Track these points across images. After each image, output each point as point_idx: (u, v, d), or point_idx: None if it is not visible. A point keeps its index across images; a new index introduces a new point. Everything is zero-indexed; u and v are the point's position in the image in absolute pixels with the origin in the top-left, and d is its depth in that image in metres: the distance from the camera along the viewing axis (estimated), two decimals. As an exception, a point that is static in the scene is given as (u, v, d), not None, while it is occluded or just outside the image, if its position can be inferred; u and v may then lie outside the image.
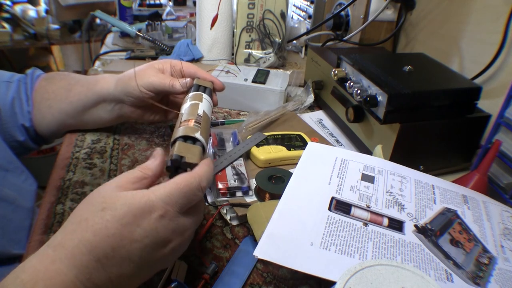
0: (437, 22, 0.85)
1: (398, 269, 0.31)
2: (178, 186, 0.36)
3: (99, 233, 0.32)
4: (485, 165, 0.54)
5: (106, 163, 0.61)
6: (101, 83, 0.61)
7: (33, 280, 0.31)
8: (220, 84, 0.59)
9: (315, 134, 0.71)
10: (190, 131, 0.43)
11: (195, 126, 0.44)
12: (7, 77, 0.63)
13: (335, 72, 0.68)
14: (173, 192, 0.35)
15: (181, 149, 0.40)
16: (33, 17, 1.94)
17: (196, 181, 0.37)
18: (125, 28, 1.12)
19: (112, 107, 0.62)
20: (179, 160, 0.39)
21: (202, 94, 0.53)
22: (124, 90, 0.58)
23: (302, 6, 1.20)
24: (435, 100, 0.58)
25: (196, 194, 0.37)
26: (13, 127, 0.61)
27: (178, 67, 0.59)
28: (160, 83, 0.56)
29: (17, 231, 0.54)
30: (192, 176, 0.37)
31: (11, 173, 0.57)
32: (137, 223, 0.33)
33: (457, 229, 0.44)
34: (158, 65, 0.59)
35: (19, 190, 0.57)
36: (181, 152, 0.40)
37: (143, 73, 0.57)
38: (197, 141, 0.43)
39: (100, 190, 0.35)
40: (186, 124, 0.44)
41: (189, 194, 0.36)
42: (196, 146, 0.42)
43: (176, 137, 0.42)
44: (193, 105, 0.49)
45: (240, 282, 0.43)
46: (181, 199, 0.36)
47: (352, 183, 0.48)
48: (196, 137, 0.43)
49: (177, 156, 0.39)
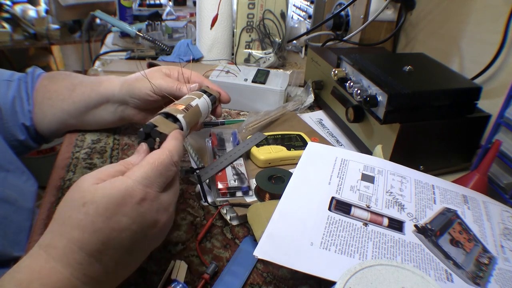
0: (437, 22, 0.85)
1: (398, 269, 0.31)
2: (152, 165, 0.36)
3: (86, 230, 0.32)
4: (485, 165, 0.54)
5: (106, 163, 0.61)
6: (106, 84, 0.61)
7: (28, 279, 0.31)
8: (226, 96, 0.60)
9: (315, 134, 0.71)
10: (173, 111, 0.44)
11: (182, 110, 0.46)
12: (8, 76, 0.63)
13: (335, 72, 0.68)
14: (148, 173, 0.35)
15: (158, 121, 0.42)
16: (33, 17, 1.94)
17: (168, 156, 0.37)
18: (125, 28, 1.12)
19: (115, 109, 0.62)
20: (152, 126, 0.40)
21: (202, 94, 0.53)
22: (129, 92, 0.58)
23: (302, 6, 1.20)
24: (435, 100, 0.58)
25: (170, 169, 0.37)
26: (14, 126, 0.61)
27: (186, 75, 0.60)
28: (168, 86, 0.56)
29: (18, 232, 0.54)
30: (162, 153, 0.37)
31: (12, 174, 0.57)
32: (122, 212, 0.33)
33: (457, 229, 0.44)
34: (165, 70, 0.60)
35: (20, 191, 0.57)
36: (157, 123, 0.41)
37: (151, 76, 0.57)
38: (177, 122, 0.44)
39: (79, 185, 0.35)
40: (173, 106, 0.46)
41: (164, 171, 0.36)
42: (174, 124, 0.43)
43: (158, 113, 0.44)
44: (189, 97, 0.50)
45: (240, 282, 0.43)
46: (158, 177, 0.36)
47: (352, 183, 0.48)
48: (177, 118, 0.44)
49: (150, 124, 0.40)
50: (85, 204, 0.33)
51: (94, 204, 0.33)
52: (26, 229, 0.55)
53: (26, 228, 0.55)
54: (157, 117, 0.43)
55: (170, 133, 0.40)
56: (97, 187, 0.34)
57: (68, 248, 0.32)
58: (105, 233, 0.33)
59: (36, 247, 0.33)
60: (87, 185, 0.34)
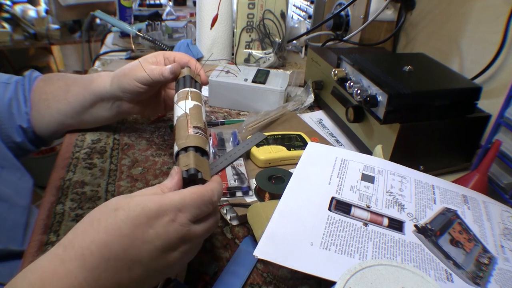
0: (437, 22, 0.85)
1: (398, 269, 0.31)
2: (192, 195, 0.37)
3: (112, 233, 0.33)
4: (485, 165, 0.54)
5: (106, 163, 0.61)
6: (97, 82, 0.61)
7: (41, 282, 0.31)
8: (205, 79, 0.59)
9: (315, 134, 0.71)
10: (203, 143, 0.44)
11: (203, 135, 0.45)
12: (5, 79, 0.63)
13: (335, 72, 0.68)
14: (186, 200, 0.36)
15: (198, 163, 0.41)
16: (33, 17, 1.94)
17: (209, 194, 0.38)
18: (125, 28, 1.12)
19: (110, 105, 0.62)
20: (196, 174, 0.40)
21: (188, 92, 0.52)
22: (120, 87, 0.58)
23: (302, 6, 1.20)
24: (435, 100, 0.58)
25: (207, 206, 0.38)
26: (10, 128, 0.61)
27: (172, 58, 0.59)
28: (151, 73, 0.56)
29: (13, 228, 0.54)
30: (205, 189, 0.38)
31: (7, 170, 0.57)
32: (150, 224, 0.34)
33: (457, 229, 0.44)
34: (151, 59, 0.59)
35: (15, 188, 0.57)
36: (198, 166, 0.41)
37: (136, 68, 0.57)
38: (205, 155, 0.44)
39: (116, 196, 0.37)
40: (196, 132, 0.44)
41: (201, 205, 0.37)
42: (206, 160, 0.43)
43: (189, 145, 0.43)
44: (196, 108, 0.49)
45: (240, 282, 0.43)
46: (193, 208, 0.36)
47: (352, 183, 0.48)
48: (207, 151, 0.44)
49: (195, 171, 0.40)
50: (117, 210, 0.34)
51: (127, 211, 0.34)
52: (21, 225, 0.55)
53: (21, 225, 0.55)
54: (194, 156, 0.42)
55: (214, 177, 0.41)
56: (133, 198, 0.35)
57: (88, 249, 0.32)
58: (128, 240, 0.33)
59: (56, 246, 0.33)
60: (124, 197, 0.36)
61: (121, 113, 0.64)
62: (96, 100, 0.61)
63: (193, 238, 0.37)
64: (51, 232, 0.48)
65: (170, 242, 0.35)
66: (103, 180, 0.57)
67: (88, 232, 0.33)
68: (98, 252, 0.32)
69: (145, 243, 0.33)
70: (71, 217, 0.50)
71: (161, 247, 0.34)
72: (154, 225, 0.34)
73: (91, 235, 0.33)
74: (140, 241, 0.33)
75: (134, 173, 0.59)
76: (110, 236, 0.32)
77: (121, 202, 0.35)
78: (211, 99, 0.81)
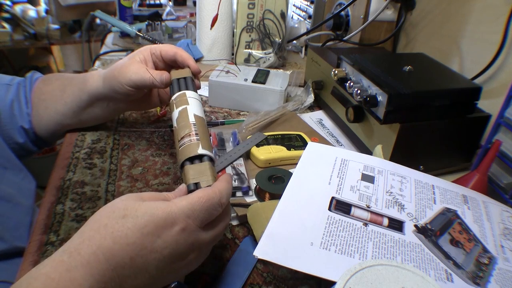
0: (437, 22, 0.85)
1: (398, 269, 0.31)
2: (200, 199, 0.36)
3: (119, 241, 0.32)
4: (485, 165, 0.54)
5: (106, 163, 0.61)
6: (90, 82, 0.60)
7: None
8: (196, 68, 0.57)
9: (315, 134, 0.71)
10: (192, 150, 0.42)
11: (195, 140, 0.43)
12: (7, 80, 0.64)
13: (335, 72, 0.68)
14: (195, 205, 0.35)
15: (194, 175, 0.40)
16: (33, 17, 1.94)
17: (217, 196, 0.37)
18: (125, 28, 1.12)
19: (107, 104, 0.62)
20: (196, 188, 0.39)
21: (185, 94, 0.50)
22: (111, 89, 0.58)
23: (302, 6, 1.20)
24: (435, 100, 0.58)
25: (216, 209, 0.37)
26: (12, 129, 0.61)
27: (158, 53, 0.58)
28: (141, 79, 0.55)
29: (17, 227, 0.54)
30: (213, 191, 0.37)
31: (10, 171, 0.58)
32: (158, 234, 0.33)
33: (457, 229, 0.44)
34: (139, 57, 0.58)
35: (17, 188, 0.57)
36: (195, 178, 0.40)
37: (126, 69, 0.56)
38: (203, 156, 0.42)
39: (122, 198, 0.35)
40: (185, 142, 0.43)
41: (210, 208, 0.36)
42: (205, 163, 0.41)
43: (182, 160, 0.41)
44: (182, 112, 0.47)
45: (240, 282, 0.43)
46: (202, 213, 0.36)
47: (352, 183, 0.48)
48: (200, 154, 0.41)
49: (194, 186, 0.39)
50: (125, 217, 0.33)
51: (135, 219, 0.33)
52: (26, 224, 0.55)
53: (26, 223, 0.56)
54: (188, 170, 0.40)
55: (222, 176, 0.40)
56: (141, 204, 0.34)
57: (94, 256, 0.31)
58: (136, 248, 0.32)
59: (60, 251, 0.32)
60: (132, 201, 0.35)
61: (118, 110, 0.64)
62: (91, 100, 0.61)
63: (202, 246, 0.37)
64: (51, 232, 0.48)
65: (178, 251, 0.35)
66: (103, 180, 0.57)
67: (94, 238, 0.32)
68: (105, 260, 0.31)
69: (152, 252, 0.33)
70: (71, 217, 0.50)
71: (169, 256, 0.34)
72: (163, 234, 0.34)
73: (97, 242, 0.32)
74: (147, 250, 0.33)
75: (134, 173, 0.59)
76: (117, 244, 0.32)
77: (129, 208, 0.34)
78: (211, 99, 0.81)
